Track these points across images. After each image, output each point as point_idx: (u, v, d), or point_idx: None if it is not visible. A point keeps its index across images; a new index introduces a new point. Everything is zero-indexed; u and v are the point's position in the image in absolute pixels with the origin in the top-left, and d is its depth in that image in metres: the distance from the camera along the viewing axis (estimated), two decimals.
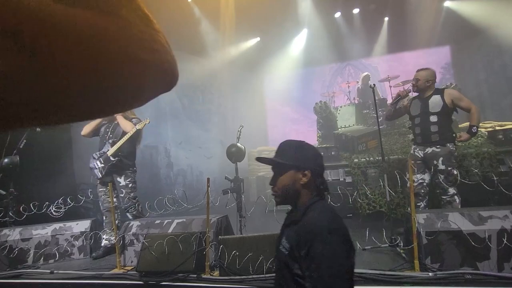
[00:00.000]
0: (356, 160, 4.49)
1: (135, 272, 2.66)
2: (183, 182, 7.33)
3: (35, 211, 2.96)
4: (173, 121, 7.40)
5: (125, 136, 3.37)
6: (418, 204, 3.22)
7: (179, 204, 2.92)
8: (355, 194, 3.85)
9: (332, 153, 4.75)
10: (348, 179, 4.41)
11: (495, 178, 2.64)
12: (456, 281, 2.11)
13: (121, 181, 3.46)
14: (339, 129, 5.68)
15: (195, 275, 2.52)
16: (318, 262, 1.01)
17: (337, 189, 3.59)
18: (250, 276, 2.41)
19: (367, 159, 4.44)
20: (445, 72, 8.72)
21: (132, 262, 2.97)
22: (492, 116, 6.63)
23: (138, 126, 3.38)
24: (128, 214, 3.46)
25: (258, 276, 2.40)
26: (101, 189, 3.48)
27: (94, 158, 3.48)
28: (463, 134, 3.06)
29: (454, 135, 3.16)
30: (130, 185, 3.50)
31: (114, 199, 3.34)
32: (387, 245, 2.87)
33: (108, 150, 3.42)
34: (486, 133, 4.36)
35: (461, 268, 2.23)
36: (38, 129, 3.56)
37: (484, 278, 2.11)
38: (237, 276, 2.43)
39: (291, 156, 1.20)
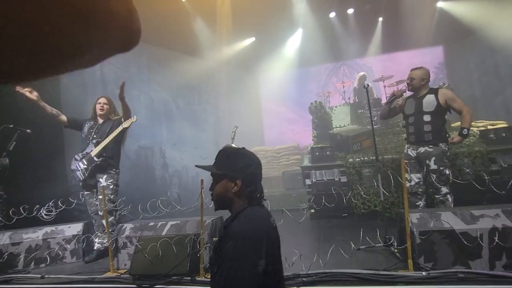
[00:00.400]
0: (351, 159, 4.50)
1: (128, 276, 2.63)
2: (178, 183, 7.29)
3: (25, 214, 2.92)
4: (168, 121, 7.36)
5: (112, 134, 3.27)
6: (417, 203, 3.23)
7: (172, 206, 2.90)
8: (349, 194, 3.87)
9: (327, 153, 4.76)
10: (343, 179, 4.42)
11: (486, 177, 2.67)
12: (449, 280, 2.12)
13: (102, 181, 3.29)
14: (334, 129, 5.69)
15: (189, 278, 2.51)
16: (223, 265, 1.08)
17: (332, 189, 3.59)
18: None
19: (362, 158, 4.45)
20: (438, 72, 8.79)
21: (125, 265, 2.93)
22: (485, 115, 6.69)
23: (125, 125, 3.26)
24: (103, 221, 3.13)
25: None
26: (86, 192, 3.38)
27: (76, 160, 3.34)
28: (455, 137, 3.07)
29: (447, 135, 3.18)
30: (111, 186, 3.31)
31: (97, 202, 3.28)
32: (382, 244, 2.88)
33: (92, 150, 3.29)
34: (478, 132, 4.40)
35: (454, 267, 2.24)
36: (28, 130, 3.51)
37: (476, 276, 2.13)
38: None
39: (224, 166, 1.25)
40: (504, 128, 4.24)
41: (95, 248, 3.33)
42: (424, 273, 2.21)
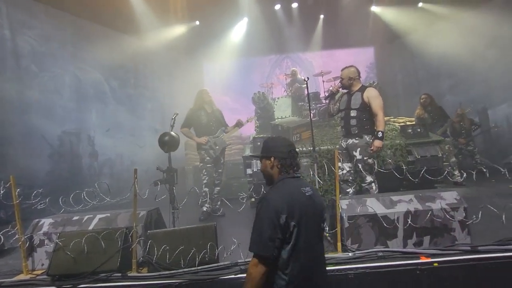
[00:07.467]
0: None
1: (46, 277, 2.33)
2: (110, 173, 6.70)
3: None
4: (99, 105, 6.65)
5: (236, 128, 4.38)
6: (348, 190, 3.49)
7: (101, 198, 2.63)
8: None
9: None
10: None
11: (404, 167, 3.01)
12: (371, 258, 2.35)
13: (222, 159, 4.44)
14: (276, 120, 5.82)
15: (120, 274, 2.32)
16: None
17: None
18: (181, 270, 2.32)
19: (301, 149, 4.65)
20: (369, 71, 9.65)
21: (43, 265, 2.60)
22: (405, 112, 7.58)
23: (249, 121, 4.55)
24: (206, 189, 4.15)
25: (190, 269, 2.32)
26: (209, 165, 4.22)
27: (209, 142, 4.21)
28: (374, 143, 3.24)
29: (374, 128, 3.47)
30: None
31: (216, 175, 4.39)
32: None
33: (223, 135, 4.23)
34: (399, 127, 4.96)
35: (375, 247, 2.51)
36: None
37: (392, 254, 2.41)
38: (167, 271, 2.32)
39: (262, 149, 1.67)
40: (419, 124, 4.86)
41: (204, 210, 4.05)
42: (350, 253, 2.43)
